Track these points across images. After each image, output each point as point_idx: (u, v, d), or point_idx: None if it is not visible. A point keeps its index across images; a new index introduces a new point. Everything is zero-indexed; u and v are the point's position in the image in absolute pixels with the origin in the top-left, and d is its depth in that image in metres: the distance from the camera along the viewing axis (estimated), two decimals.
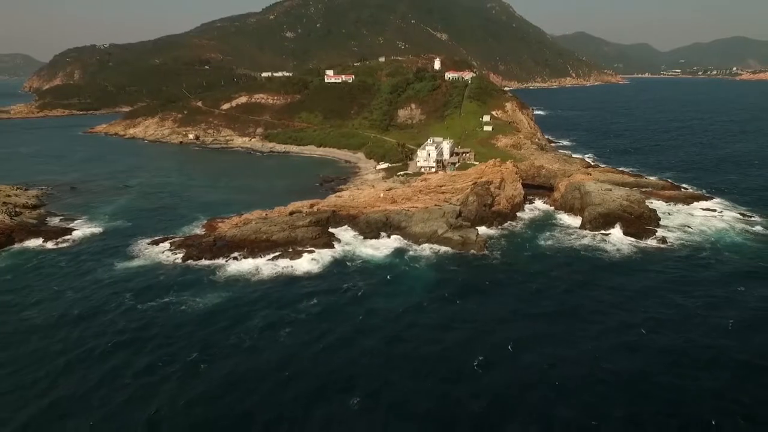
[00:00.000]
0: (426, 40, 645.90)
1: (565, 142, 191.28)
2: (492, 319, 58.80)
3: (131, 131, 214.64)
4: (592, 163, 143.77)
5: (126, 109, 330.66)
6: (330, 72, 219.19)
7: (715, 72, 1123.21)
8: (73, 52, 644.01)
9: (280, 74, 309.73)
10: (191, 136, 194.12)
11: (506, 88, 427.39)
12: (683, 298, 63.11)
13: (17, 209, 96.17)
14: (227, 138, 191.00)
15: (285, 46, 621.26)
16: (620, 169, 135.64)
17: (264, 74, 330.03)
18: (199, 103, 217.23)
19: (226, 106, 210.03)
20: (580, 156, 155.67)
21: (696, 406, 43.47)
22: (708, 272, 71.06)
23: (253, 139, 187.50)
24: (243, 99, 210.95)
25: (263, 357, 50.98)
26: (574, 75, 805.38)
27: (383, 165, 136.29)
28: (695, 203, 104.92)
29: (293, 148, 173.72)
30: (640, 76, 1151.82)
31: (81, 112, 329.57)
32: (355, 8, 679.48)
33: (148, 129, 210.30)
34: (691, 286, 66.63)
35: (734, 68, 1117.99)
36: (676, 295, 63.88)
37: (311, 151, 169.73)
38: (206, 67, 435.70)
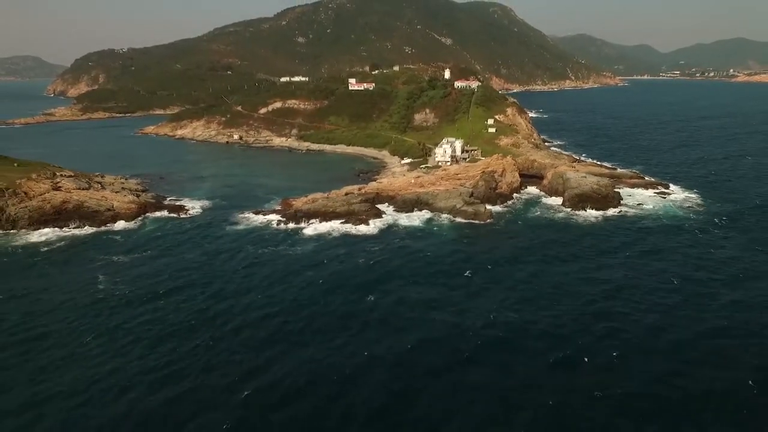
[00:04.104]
0: (431, 44, 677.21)
1: (558, 141, 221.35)
2: (487, 251, 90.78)
3: (179, 132, 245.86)
4: (578, 159, 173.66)
5: (159, 112, 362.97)
6: (353, 80, 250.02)
7: (712, 74, 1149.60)
8: (94, 56, 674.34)
9: (297, 79, 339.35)
10: (236, 137, 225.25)
11: (509, 92, 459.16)
12: (620, 244, 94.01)
13: (135, 192, 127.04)
14: (267, 138, 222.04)
15: (297, 51, 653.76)
16: (600, 163, 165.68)
17: (282, 79, 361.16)
18: (239, 108, 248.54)
19: (263, 111, 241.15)
20: (569, 153, 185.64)
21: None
22: (644, 231, 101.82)
23: (289, 139, 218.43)
24: (278, 104, 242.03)
25: (350, 268, 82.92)
26: (572, 78, 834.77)
27: (407, 160, 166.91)
28: (653, 188, 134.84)
29: (326, 147, 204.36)
30: (639, 77, 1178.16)
31: (120, 115, 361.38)
32: (364, 14, 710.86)
33: (196, 130, 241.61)
34: (629, 237, 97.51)
35: (731, 70, 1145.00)
36: (616, 242, 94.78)
37: (342, 149, 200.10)
38: (228, 72, 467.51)
